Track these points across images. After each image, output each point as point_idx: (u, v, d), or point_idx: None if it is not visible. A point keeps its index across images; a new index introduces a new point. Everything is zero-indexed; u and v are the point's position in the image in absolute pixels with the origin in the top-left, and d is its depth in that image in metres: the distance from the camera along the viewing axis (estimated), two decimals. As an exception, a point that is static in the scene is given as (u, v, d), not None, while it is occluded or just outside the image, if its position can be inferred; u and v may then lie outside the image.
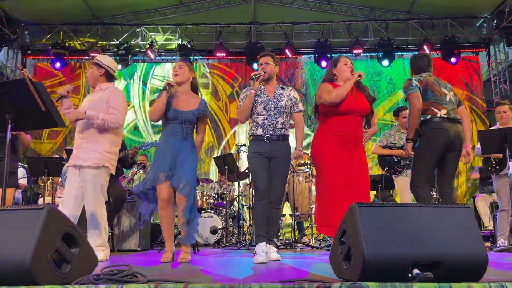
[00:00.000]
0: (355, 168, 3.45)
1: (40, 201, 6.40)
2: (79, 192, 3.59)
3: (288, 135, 3.66)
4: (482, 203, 7.34)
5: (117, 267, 2.11)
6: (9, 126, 2.70)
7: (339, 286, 1.71)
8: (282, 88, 3.70)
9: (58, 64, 9.47)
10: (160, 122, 3.66)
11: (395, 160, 5.26)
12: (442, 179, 3.63)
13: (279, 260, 3.42)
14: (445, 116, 3.48)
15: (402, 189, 5.17)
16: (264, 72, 3.55)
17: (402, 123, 5.28)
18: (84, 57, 9.86)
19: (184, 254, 3.46)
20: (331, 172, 3.42)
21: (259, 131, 3.53)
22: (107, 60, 3.79)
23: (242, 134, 9.71)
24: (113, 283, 1.77)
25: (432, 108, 3.50)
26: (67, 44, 9.72)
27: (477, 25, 9.87)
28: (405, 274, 1.83)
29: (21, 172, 6.31)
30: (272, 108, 3.55)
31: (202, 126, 3.71)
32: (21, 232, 1.83)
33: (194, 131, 3.72)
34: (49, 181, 6.41)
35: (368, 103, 3.56)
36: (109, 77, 3.78)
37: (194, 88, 3.73)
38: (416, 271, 1.83)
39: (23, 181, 6.45)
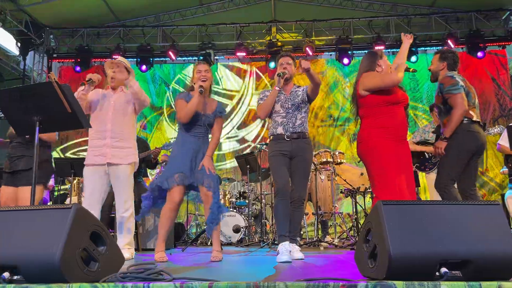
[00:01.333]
0: (409, 164, 3.30)
1: (67, 201, 6.52)
2: (104, 195, 3.65)
3: (307, 133, 3.65)
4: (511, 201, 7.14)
5: (143, 265, 2.13)
6: (37, 128, 2.76)
7: (365, 285, 1.69)
8: (297, 86, 3.75)
9: (82, 67, 9.66)
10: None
11: (427, 156, 5.21)
12: (467, 181, 3.57)
13: (302, 259, 3.41)
14: (478, 120, 3.47)
15: (431, 188, 5.14)
16: (287, 72, 3.57)
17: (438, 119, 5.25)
18: (106, 60, 9.99)
19: (216, 253, 3.49)
20: (396, 173, 3.12)
21: (279, 130, 3.55)
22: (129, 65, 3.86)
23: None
24: (139, 281, 1.79)
25: (470, 111, 3.46)
26: (92, 48, 9.91)
27: (503, 18, 9.60)
28: (433, 273, 1.80)
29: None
30: (289, 105, 3.59)
31: (217, 127, 3.74)
32: (50, 231, 1.86)
33: None
34: (75, 181, 6.53)
35: None
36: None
37: (210, 91, 3.81)
38: (444, 269, 1.79)
39: (50, 182, 6.57)
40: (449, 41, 9.10)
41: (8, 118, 2.92)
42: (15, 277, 1.84)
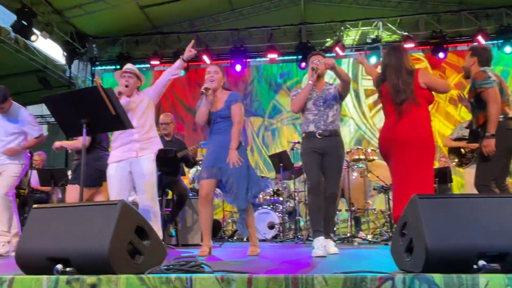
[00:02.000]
0: None
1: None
2: (128, 193, 3.60)
3: (339, 130, 3.59)
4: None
5: (184, 258, 2.16)
6: (84, 130, 2.83)
7: (402, 277, 1.65)
8: (329, 84, 3.70)
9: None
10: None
11: (462, 152, 5.14)
12: (500, 176, 3.48)
13: (337, 254, 3.37)
14: None
15: (468, 182, 5.09)
16: (320, 69, 3.55)
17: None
18: (145, 66, 10.18)
19: (253, 248, 3.49)
20: None
21: (311, 127, 3.51)
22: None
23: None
24: (182, 273, 1.81)
25: (505, 108, 3.35)
26: (132, 55, 10.08)
27: (536, 11, 9.19)
28: (470, 266, 1.74)
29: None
30: (321, 103, 3.54)
31: (234, 114, 3.54)
32: (98, 226, 1.90)
33: None
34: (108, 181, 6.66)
35: None
36: None
37: (226, 87, 3.73)
38: (482, 262, 1.72)
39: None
40: (479, 37, 8.74)
41: (58, 121, 3.03)
42: (67, 269, 1.88)
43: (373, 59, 9.24)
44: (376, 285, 1.64)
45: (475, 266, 1.73)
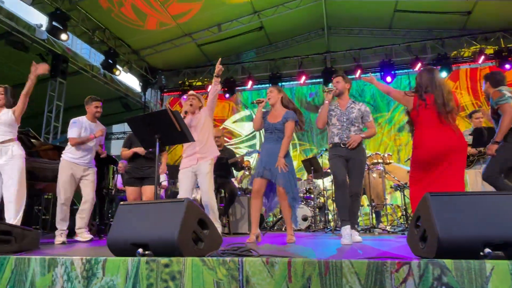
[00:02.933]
0: None
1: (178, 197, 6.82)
2: (192, 192, 3.64)
3: (361, 141, 3.45)
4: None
5: (236, 244, 2.17)
6: (157, 143, 2.93)
7: (417, 262, 1.58)
8: (353, 102, 3.54)
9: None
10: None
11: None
12: (509, 176, 3.31)
13: (361, 242, 3.28)
14: None
15: (471, 181, 4.82)
16: (336, 89, 3.49)
17: (476, 123, 4.92)
18: (202, 92, 10.40)
19: (291, 236, 3.43)
20: None
21: (336, 139, 3.43)
22: None
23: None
24: (235, 256, 1.82)
25: None
26: (191, 83, 10.33)
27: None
28: (477, 253, 1.64)
29: (163, 176, 6.80)
30: (344, 120, 3.43)
31: (286, 130, 3.51)
32: (169, 219, 1.92)
33: None
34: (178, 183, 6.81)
35: None
36: None
37: (285, 104, 3.67)
38: (487, 250, 1.63)
39: (165, 183, 6.97)
40: (480, 57, 8.37)
41: (137, 137, 3.15)
42: (146, 252, 1.91)
43: (388, 79, 9.01)
44: (395, 269, 1.58)
45: (481, 253, 1.65)
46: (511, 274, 1.51)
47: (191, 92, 4.00)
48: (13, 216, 3.33)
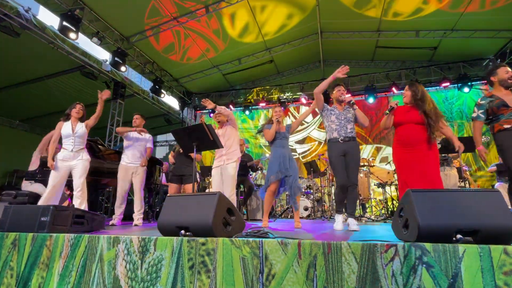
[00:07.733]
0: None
1: (207, 190, 6.84)
2: (222, 186, 3.57)
3: (355, 137, 3.23)
4: (501, 190, 6.10)
5: (256, 228, 2.16)
6: (195, 149, 2.96)
7: (402, 245, 1.54)
8: (349, 107, 3.36)
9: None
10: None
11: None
12: None
13: (358, 231, 3.15)
14: None
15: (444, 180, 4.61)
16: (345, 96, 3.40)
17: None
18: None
19: (297, 223, 3.38)
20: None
21: (335, 134, 3.16)
22: None
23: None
24: (256, 238, 1.82)
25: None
26: (216, 103, 10.44)
27: (484, 64, 8.38)
28: (451, 238, 1.60)
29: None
30: (342, 118, 3.21)
31: (300, 117, 3.75)
32: (205, 207, 1.95)
33: None
34: (211, 179, 6.83)
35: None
36: None
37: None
38: (459, 236, 1.59)
39: (197, 180, 6.98)
40: (445, 83, 8.19)
41: (179, 144, 3.17)
42: (187, 233, 1.94)
43: (370, 100, 8.89)
44: (385, 250, 1.55)
45: (454, 239, 1.60)
46: (480, 256, 1.45)
47: (218, 109, 3.97)
48: (80, 203, 3.32)
